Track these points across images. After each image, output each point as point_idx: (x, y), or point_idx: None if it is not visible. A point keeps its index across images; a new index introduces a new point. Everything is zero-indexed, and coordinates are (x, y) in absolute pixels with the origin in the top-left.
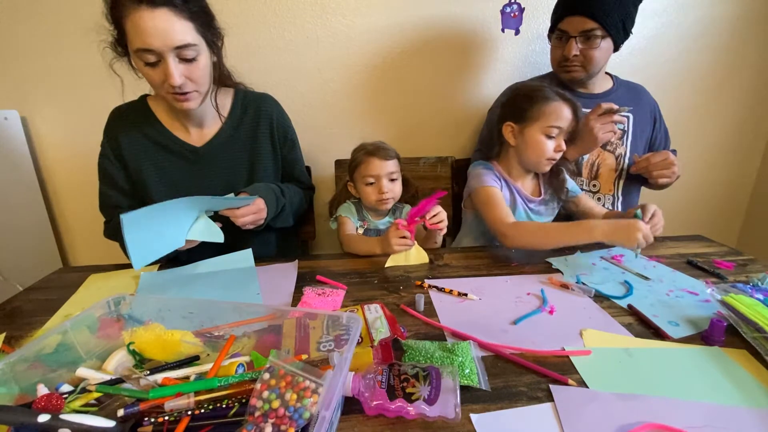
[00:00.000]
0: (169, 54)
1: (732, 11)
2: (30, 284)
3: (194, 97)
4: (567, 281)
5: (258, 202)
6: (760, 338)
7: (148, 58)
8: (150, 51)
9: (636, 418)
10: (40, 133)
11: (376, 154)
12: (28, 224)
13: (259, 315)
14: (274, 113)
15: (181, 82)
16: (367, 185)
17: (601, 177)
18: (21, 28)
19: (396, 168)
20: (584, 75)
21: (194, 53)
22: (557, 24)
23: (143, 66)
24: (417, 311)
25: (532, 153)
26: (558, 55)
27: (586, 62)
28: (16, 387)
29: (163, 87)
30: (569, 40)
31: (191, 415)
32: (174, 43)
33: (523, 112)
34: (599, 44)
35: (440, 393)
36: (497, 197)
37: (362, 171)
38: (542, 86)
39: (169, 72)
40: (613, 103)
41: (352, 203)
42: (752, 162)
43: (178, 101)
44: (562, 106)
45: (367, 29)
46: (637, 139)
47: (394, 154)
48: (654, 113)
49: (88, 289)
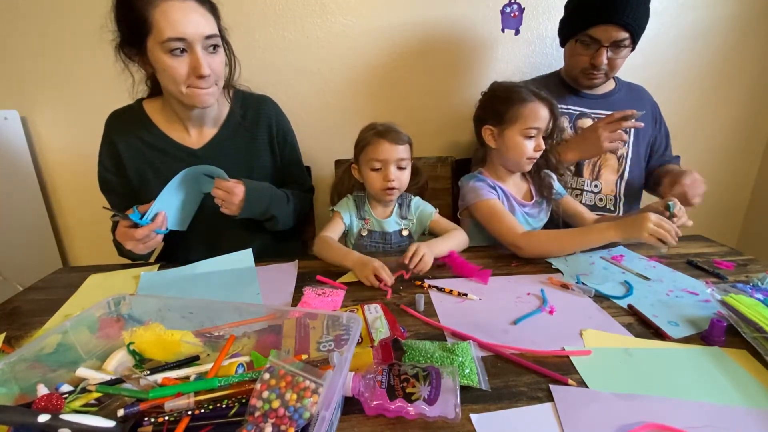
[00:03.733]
0: (198, 44)
1: (732, 11)
2: (30, 284)
3: (213, 92)
4: (567, 281)
5: (235, 185)
6: (760, 338)
7: (176, 47)
8: (181, 40)
9: (636, 418)
10: (40, 133)
11: (386, 136)
12: (28, 224)
13: (259, 315)
14: (273, 116)
15: (208, 72)
16: (373, 170)
17: (602, 178)
18: (21, 28)
19: (407, 154)
20: (604, 81)
21: (217, 45)
22: (586, 29)
23: (167, 59)
24: (417, 311)
25: (513, 154)
26: (584, 62)
27: (610, 70)
28: (16, 387)
29: (186, 79)
30: (600, 49)
31: (191, 415)
32: (204, 32)
33: (501, 115)
34: (625, 53)
35: (440, 393)
36: (500, 209)
37: (369, 153)
38: (518, 87)
39: (198, 62)
40: (615, 104)
41: (353, 199)
42: (752, 162)
43: (198, 95)
44: (539, 107)
45: (367, 29)
46: (639, 140)
47: (407, 138)
48: (655, 114)
49: (88, 289)
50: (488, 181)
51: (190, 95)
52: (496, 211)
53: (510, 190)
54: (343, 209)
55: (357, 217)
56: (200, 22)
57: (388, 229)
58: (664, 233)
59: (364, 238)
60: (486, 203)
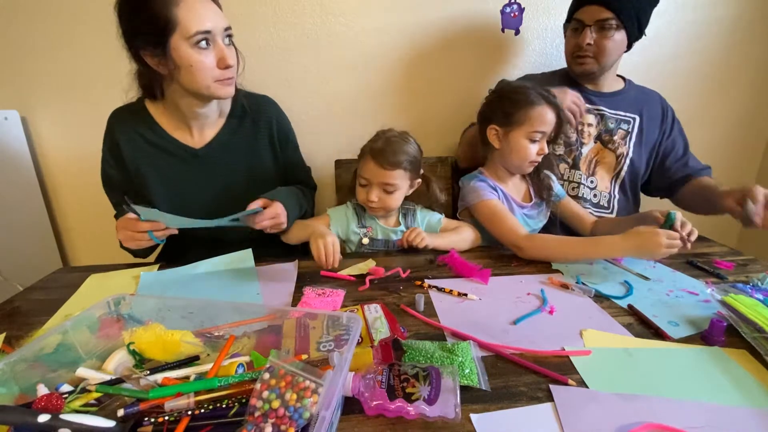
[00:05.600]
0: (220, 36)
1: (732, 12)
2: (30, 284)
3: (232, 83)
4: (567, 281)
5: (275, 206)
6: (760, 338)
7: (203, 41)
8: (207, 32)
9: (636, 418)
10: (40, 133)
11: (376, 158)
12: (28, 224)
13: (259, 315)
14: (274, 116)
15: (234, 62)
16: (360, 185)
17: (598, 174)
18: (21, 28)
19: (397, 180)
20: (596, 68)
21: (232, 36)
22: (574, 14)
23: (194, 53)
24: (417, 311)
25: (516, 157)
26: (572, 45)
27: (599, 53)
28: (16, 387)
29: (212, 73)
30: (584, 29)
31: (191, 415)
32: (225, 24)
33: (509, 116)
34: (613, 35)
35: (440, 393)
36: (502, 209)
37: (360, 167)
38: (527, 88)
39: (223, 52)
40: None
41: (352, 207)
42: (752, 162)
43: (223, 86)
44: (547, 110)
45: (367, 30)
46: (642, 143)
47: (405, 163)
48: (665, 122)
49: (88, 289)
50: (489, 182)
51: (216, 88)
52: (497, 211)
53: (509, 192)
54: (339, 214)
55: (357, 225)
56: (219, 15)
57: (394, 238)
58: (675, 250)
59: (365, 246)
60: (487, 203)
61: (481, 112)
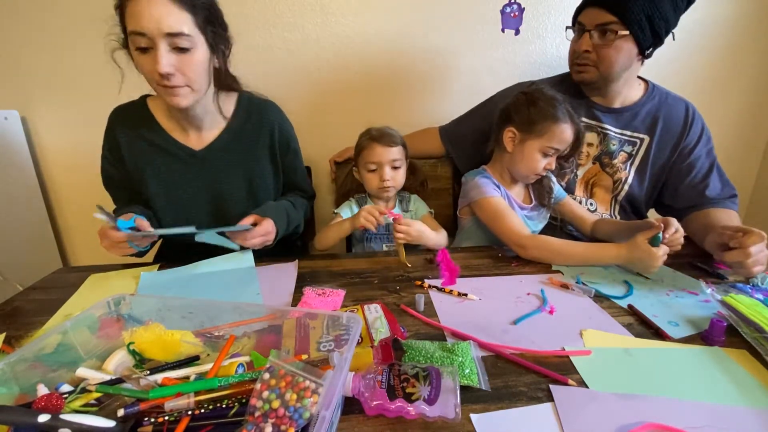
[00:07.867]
0: (161, 40)
1: (732, 12)
2: (30, 284)
3: (185, 93)
4: (567, 281)
5: (266, 224)
6: (760, 338)
7: (139, 42)
8: (141, 34)
9: (636, 418)
10: (40, 133)
11: (379, 140)
12: (28, 224)
13: (259, 315)
14: (276, 122)
15: (168, 71)
16: (369, 171)
17: (596, 196)
18: (21, 28)
19: (400, 155)
20: (596, 77)
21: (188, 44)
22: (577, 16)
23: (135, 54)
24: (417, 311)
25: (524, 166)
26: (571, 51)
27: (599, 61)
28: (16, 387)
29: (153, 78)
30: (584, 34)
31: (191, 415)
32: (165, 29)
33: (531, 124)
34: (615, 41)
35: (440, 393)
36: (505, 207)
37: (365, 157)
38: (558, 102)
39: (157, 58)
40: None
41: (355, 201)
42: (752, 162)
43: (168, 94)
44: (569, 130)
45: (367, 30)
46: (647, 166)
47: (400, 140)
48: (684, 139)
49: (88, 289)
50: (493, 180)
51: (162, 94)
52: (500, 209)
53: (511, 193)
54: (345, 211)
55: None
56: (164, 17)
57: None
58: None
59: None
60: (491, 200)
61: (504, 109)
